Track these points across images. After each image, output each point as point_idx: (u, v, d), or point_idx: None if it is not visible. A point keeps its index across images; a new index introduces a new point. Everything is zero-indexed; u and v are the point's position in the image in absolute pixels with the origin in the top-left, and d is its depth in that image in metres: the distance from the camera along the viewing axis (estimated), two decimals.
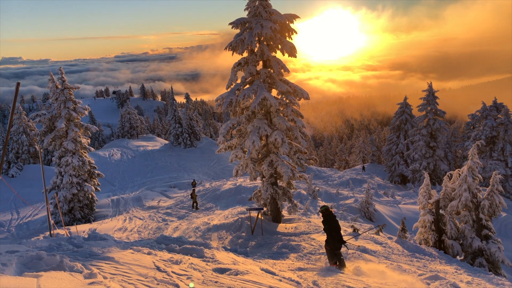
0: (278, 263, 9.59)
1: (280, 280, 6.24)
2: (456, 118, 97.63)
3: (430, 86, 47.75)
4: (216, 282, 5.31)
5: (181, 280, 5.12)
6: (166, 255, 6.77)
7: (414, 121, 50.89)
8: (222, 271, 6.18)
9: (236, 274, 5.99)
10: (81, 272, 4.65)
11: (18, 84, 4.15)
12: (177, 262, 6.16)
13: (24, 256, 4.96)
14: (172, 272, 5.47)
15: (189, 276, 5.35)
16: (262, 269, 6.85)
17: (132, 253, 6.39)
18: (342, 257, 9.90)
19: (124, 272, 5.18)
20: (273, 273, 6.66)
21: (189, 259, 6.54)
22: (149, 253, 6.58)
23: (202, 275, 5.60)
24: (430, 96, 47.40)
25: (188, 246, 7.66)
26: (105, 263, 5.58)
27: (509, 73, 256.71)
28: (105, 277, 4.61)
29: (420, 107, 48.32)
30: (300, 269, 8.58)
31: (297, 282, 6.28)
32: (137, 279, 4.90)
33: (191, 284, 5.10)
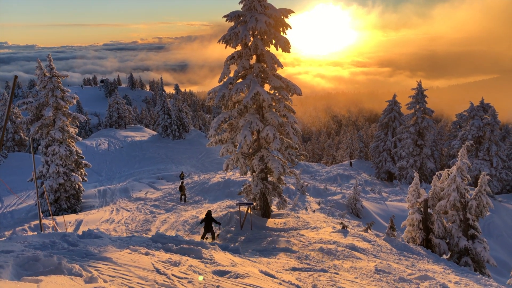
0: (272, 262, 9.59)
1: (280, 284, 6.19)
2: (442, 116, 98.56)
3: (420, 84, 48.08)
4: (217, 286, 5.22)
5: (182, 284, 5.02)
6: (164, 255, 6.65)
7: (403, 119, 51.30)
8: (222, 273, 6.10)
9: (236, 277, 5.92)
10: (80, 276, 4.51)
11: (15, 77, 3.99)
12: (176, 264, 6.05)
13: (20, 257, 4.79)
14: (172, 275, 5.36)
15: (190, 279, 5.24)
16: (261, 272, 6.80)
17: (130, 253, 6.25)
18: (212, 235, 16.20)
19: (123, 274, 5.05)
20: (272, 276, 6.61)
21: (187, 260, 6.44)
22: (146, 254, 6.45)
23: (203, 279, 5.52)
24: (419, 94, 47.74)
25: (185, 246, 7.55)
26: (103, 264, 5.43)
27: (495, 74, 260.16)
28: (105, 281, 4.48)
29: (409, 105, 48.63)
30: (294, 269, 8.59)
31: (298, 286, 6.24)
32: (137, 282, 4.77)
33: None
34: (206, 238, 16.19)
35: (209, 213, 16.25)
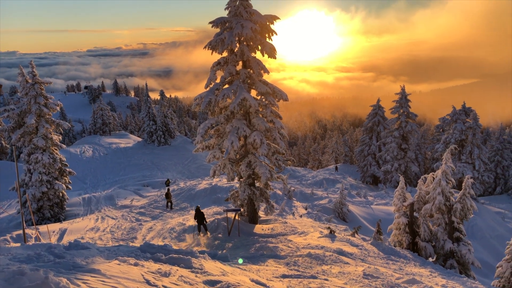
0: (262, 269, 9.55)
1: None
2: (425, 120, 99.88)
3: (403, 89, 48.75)
4: None
5: None
6: (153, 265, 6.54)
7: (387, 123, 51.92)
8: (212, 283, 6.02)
9: (228, 287, 5.86)
10: None
11: (0, 86, 3.87)
12: (166, 275, 5.96)
13: (6, 271, 4.65)
14: (163, 286, 5.27)
15: None
16: (252, 280, 6.75)
17: (118, 264, 6.13)
18: (205, 228, 17.92)
19: (113, 286, 4.93)
20: (263, 284, 6.57)
21: (177, 270, 6.34)
22: (135, 264, 6.33)
23: None
24: (403, 99, 48.41)
25: (174, 255, 7.44)
26: (91, 277, 5.30)
27: (475, 78, 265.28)
28: None
29: (393, 109, 49.29)
30: (284, 276, 8.57)
31: None
32: None
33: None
34: (201, 228, 18.02)
35: (198, 209, 17.87)
